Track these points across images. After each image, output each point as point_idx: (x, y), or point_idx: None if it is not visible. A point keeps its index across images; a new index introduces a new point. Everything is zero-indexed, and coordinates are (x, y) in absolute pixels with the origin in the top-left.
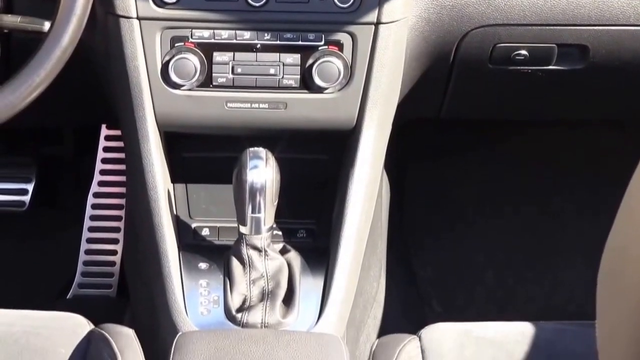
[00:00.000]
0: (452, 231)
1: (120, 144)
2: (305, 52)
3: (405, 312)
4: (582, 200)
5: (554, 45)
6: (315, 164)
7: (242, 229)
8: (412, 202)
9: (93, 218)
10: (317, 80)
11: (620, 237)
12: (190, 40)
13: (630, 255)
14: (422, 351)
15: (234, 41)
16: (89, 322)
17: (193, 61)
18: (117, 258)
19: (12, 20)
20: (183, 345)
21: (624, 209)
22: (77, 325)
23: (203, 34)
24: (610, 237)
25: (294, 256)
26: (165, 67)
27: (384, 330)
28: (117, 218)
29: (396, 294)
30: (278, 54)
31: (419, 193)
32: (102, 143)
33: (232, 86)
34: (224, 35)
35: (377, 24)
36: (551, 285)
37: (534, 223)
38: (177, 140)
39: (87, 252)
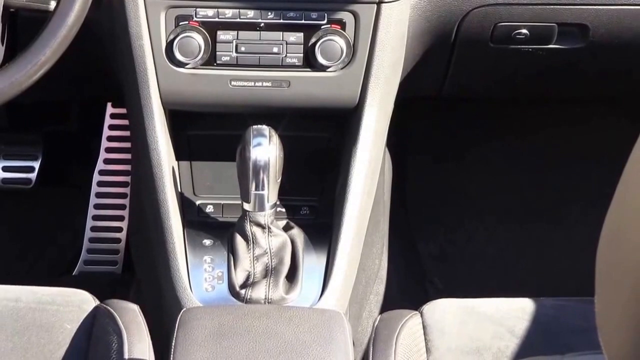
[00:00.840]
0: (454, 209)
1: (125, 122)
2: (308, 30)
3: (407, 288)
4: (582, 180)
5: (554, 24)
6: (318, 141)
7: (246, 206)
8: (415, 180)
9: (99, 195)
10: (320, 59)
11: (616, 219)
12: (195, 19)
13: (625, 236)
14: (424, 327)
15: (238, 20)
16: (95, 298)
17: (197, 40)
18: (122, 235)
19: None
20: (187, 321)
21: (620, 191)
22: (82, 301)
23: (207, 13)
24: (607, 219)
25: (297, 233)
26: (169, 45)
27: (386, 307)
28: (122, 195)
29: (398, 271)
30: (281, 32)
31: (421, 172)
32: (108, 121)
33: (235, 65)
34: (228, 14)
35: (379, 2)
36: (551, 260)
37: (534, 201)
38: (181, 119)
39: (93, 229)
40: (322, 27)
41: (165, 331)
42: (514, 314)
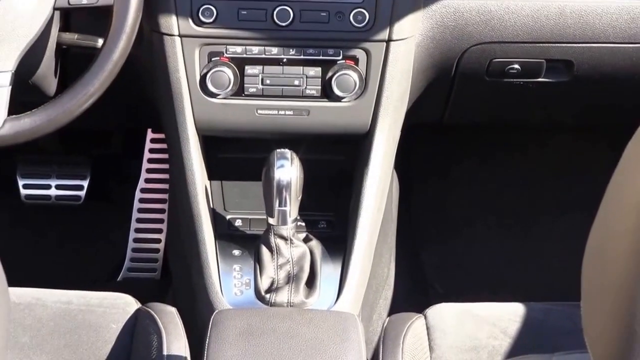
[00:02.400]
0: (454, 224)
1: (164, 146)
2: (326, 65)
3: (412, 294)
4: (566, 198)
5: (542, 60)
6: (334, 163)
7: (271, 220)
8: (418, 198)
9: (140, 210)
10: (336, 91)
11: (599, 237)
12: (225, 55)
13: (607, 253)
14: (427, 328)
15: (263, 56)
16: (137, 301)
17: (227, 73)
18: (161, 245)
19: (70, 37)
20: (219, 322)
21: (601, 214)
22: (126, 304)
23: (236, 50)
24: (591, 237)
25: (315, 244)
26: (203, 78)
27: (393, 310)
28: (161, 210)
29: (404, 278)
30: (302, 67)
31: (424, 190)
32: (148, 145)
33: (261, 95)
34: (255, 50)
35: (388, 41)
36: (539, 269)
37: (524, 216)
38: (213, 143)
39: (135, 240)
40: (338, 62)
41: (199, 331)
42: (506, 316)
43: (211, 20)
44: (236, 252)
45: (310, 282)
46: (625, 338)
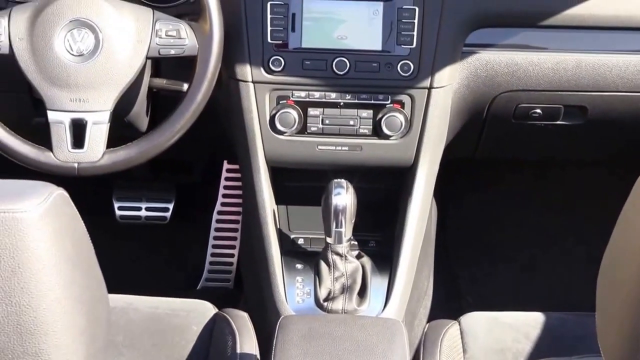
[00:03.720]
0: (483, 244)
1: (237, 175)
2: (376, 108)
3: (447, 303)
4: (582, 222)
5: (561, 105)
6: (382, 191)
7: (328, 240)
8: (454, 222)
9: (217, 230)
10: (385, 130)
11: (612, 258)
12: (291, 98)
13: (619, 272)
14: (461, 333)
15: (324, 100)
16: (214, 307)
17: (293, 114)
18: (234, 259)
19: (159, 82)
20: (285, 326)
21: (614, 238)
22: (205, 309)
23: (301, 94)
24: (605, 257)
25: (366, 260)
26: (272, 118)
27: (431, 317)
28: (234, 230)
29: (440, 290)
30: (356, 110)
31: (458, 215)
32: (224, 174)
33: (321, 133)
34: (316, 95)
35: (430, 88)
36: (556, 284)
37: (543, 237)
38: (280, 173)
39: (212, 254)
40: (387, 106)
41: (267, 333)
42: (528, 323)
43: (280, 69)
44: (299, 266)
45: (362, 293)
46: (635, 347)
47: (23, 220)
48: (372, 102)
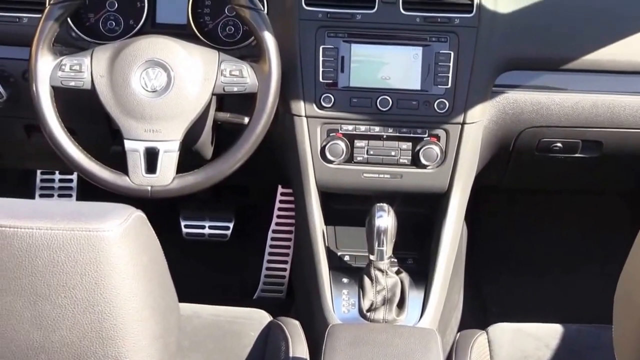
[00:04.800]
0: (507, 263)
1: (290, 198)
2: (415, 141)
3: (476, 314)
4: (597, 246)
5: (579, 140)
6: (419, 215)
7: (371, 257)
8: (482, 243)
9: (271, 247)
10: (423, 160)
11: (627, 281)
12: (340, 131)
13: (633, 295)
14: (489, 342)
15: (369, 133)
16: (269, 315)
17: (341, 145)
18: (286, 273)
19: (223, 115)
20: (333, 333)
21: (629, 262)
22: (261, 317)
23: (348, 128)
24: (620, 280)
25: (404, 276)
26: (322, 149)
27: (462, 327)
28: (287, 247)
29: (470, 303)
30: (397, 142)
31: (486, 237)
32: (279, 197)
33: (366, 162)
34: (362, 129)
35: (463, 124)
36: (573, 299)
37: (563, 258)
38: (329, 197)
39: (267, 269)
40: (424, 139)
41: (316, 339)
42: (548, 334)
43: (330, 105)
44: (345, 280)
45: (400, 304)
46: None
47: (106, 238)
48: (412, 135)
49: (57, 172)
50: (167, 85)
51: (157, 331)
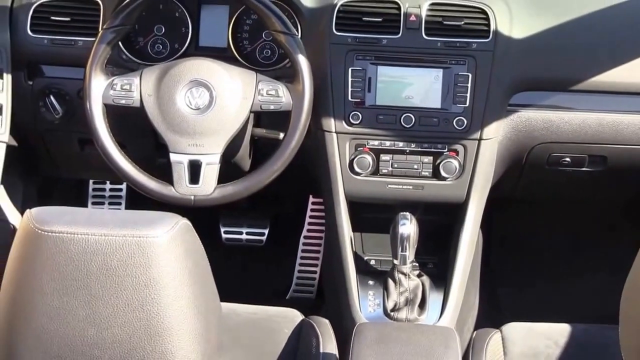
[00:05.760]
0: (520, 267)
1: (321, 207)
2: (436, 155)
3: (491, 315)
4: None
5: (586, 155)
6: (439, 223)
7: (395, 261)
8: (496, 248)
9: (303, 251)
10: (442, 173)
11: (634, 283)
12: (367, 146)
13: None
14: (503, 339)
15: (393, 148)
16: (301, 313)
17: (368, 159)
18: (316, 275)
19: (260, 131)
20: (360, 331)
21: (636, 265)
22: (294, 316)
23: (374, 143)
24: (627, 282)
25: (425, 279)
26: (351, 162)
27: (478, 326)
28: (317, 251)
29: (485, 304)
30: (419, 156)
31: (500, 244)
32: (310, 206)
33: (391, 175)
34: (387, 144)
35: (480, 140)
36: (581, 301)
37: (572, 263)
38: (357, 206)
39: (299, 271)
40: (444, 153)
41: (344, 336)
42: (558, 333)
43: (358, 122)
44: (371, 282)
45: (422, 305)
46: None
47: (155, 244)
48: (432, 150)
49: (107, 182)
50: (210, 104)
51: (200, 329)
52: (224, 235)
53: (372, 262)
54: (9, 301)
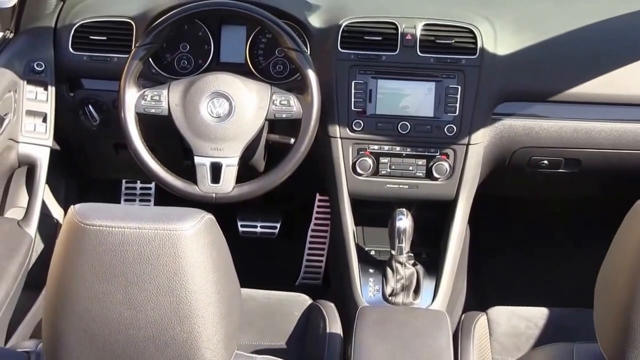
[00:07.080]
0: (503, 255)
1: (327, 204)
2: (429, 158)
3: (477, 299)
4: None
5: (562, 158)
6: (432, 218)
7: (392, 252)
8: (483, 240)
9: (310, 243)
10: (435, 174)
11: (607, 269)
12: (367, 150)
13: (612, 280)
14: (488, 321)
15: (391, 152)
16: (310, 298)
17: (369, 161)
18: (322, 264)
19: (273, 137)
20: (362, 314)
21: (609, 255)
22: (304, 300)
23: (374, 147)
24: (602, 268)
25: (419, 267)
26: (354, 164)
27: (466, 309)
28: (323, 243)
29: (472, 289)
30: (414, 159)
31: (486, 236)
32: (317, 203)
33: (389, 175)
34: (386, 148)
35: (468, 144)
36: (560, 285)
37: (553, 251)
38: (359, 203)
39: (307, 260)
40: (436, 156)
41: (348, 318)
42: (539, 315)
43: (360, 129)
44: (371, 270)
45: (416, 291)
46: (626, 336)
47: (183, 236)
48: (426, 153)
49: (138, 181)
50: (229, 113)
51: (223, 311)
52: (240, 229)
53: (372, 253)
54: (56, 286)
